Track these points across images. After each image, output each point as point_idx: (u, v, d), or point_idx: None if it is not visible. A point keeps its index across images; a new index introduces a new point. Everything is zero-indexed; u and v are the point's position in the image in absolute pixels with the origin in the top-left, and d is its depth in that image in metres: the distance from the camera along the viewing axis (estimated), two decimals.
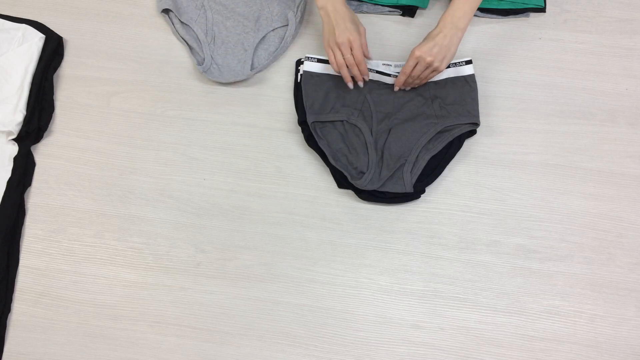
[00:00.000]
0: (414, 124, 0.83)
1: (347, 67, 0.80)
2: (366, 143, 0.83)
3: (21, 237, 0.83)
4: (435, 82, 0.85)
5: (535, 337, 0.78)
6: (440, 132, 0.83)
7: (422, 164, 0.82)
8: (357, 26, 0.79)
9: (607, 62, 0.90)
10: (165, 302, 0.80)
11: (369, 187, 0.81)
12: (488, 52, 0.91)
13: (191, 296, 0.80)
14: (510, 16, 0.93)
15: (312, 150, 0.85)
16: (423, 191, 0.83)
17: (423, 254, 0.81)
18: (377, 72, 0.85)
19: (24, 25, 0.90)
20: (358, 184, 0.81)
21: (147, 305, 0.80)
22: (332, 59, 0.79)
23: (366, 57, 0.81)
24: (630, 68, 0.90)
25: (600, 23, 0.92)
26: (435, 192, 0.84)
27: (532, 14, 0.93)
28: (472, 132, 0.85)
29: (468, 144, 0.85)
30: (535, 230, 0.82)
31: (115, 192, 0.85)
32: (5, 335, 0.79)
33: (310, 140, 0.84)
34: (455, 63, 0.85)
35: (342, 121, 0.84)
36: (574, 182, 0.84)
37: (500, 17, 0.93)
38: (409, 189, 0.81)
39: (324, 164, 0.84)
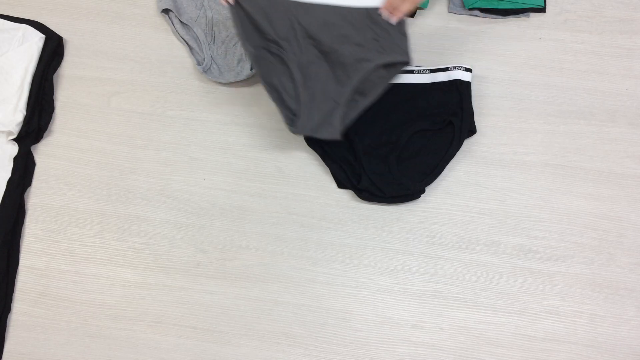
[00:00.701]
0: (346, 65, 0.75)
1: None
2: (294, 80, 0.75)
3: (21, 237, 0.83)
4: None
5: (535, 337, 0.78)
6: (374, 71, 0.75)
7: (355, 111, 0.75)
8: None
9: (607, 62, 0.90)
10: (165, 302, 0.80)
11: (304, 134, 0.77)
12: (488, 52, 0.91)
13: (191, 296, 0.80)
14: (510, 16, 0.93)
15: (312, 150, 0.85)
16: (423, 191, 0.83)
17: (423, 254, 0.81)
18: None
19: (24, 25, 0.90)
20: (293, 131, 0.76)
21: (147, 305, 0.80)
22: None
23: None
24: (630, 68, 0.90)
25: (600, 23, 0.92)
26: (435, 192, 0.84)
27: (532, 14, 0.93)
28: (472, 132, 0.85)
29: (468, 144, 0.85)
30: (535, 230, 0.82)
31: (115, 192, 0.85)
32: (5, 335, 0.79)
33: (310, 140, 0.84)
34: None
35: (276, 54, 0.76)
36: (574, 182, 0.84)
37: (500, 17, 0.93)
38: (337, 135, 0.75)
39: (324, 164, 0.84)
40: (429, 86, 0.85)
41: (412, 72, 0.86)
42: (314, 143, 0.84)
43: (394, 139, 0.83)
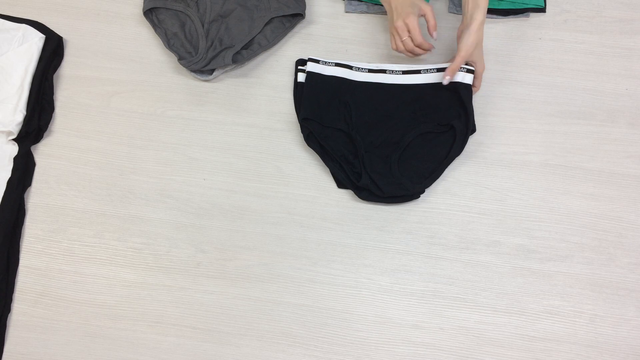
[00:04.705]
0: (245, 22, 0.90)
1: (409, 50, 0.81)
2: (197, 33, 0.88)
3: (21, 237, 0.83)
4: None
5: (535, 337, 0.78)
6: (268, 24, 0.90)
7: (253, 55, 0.89)
8: (417, 8, 0.79)
9: (607, 62, 0.90)
10: (165, 302, 0.80)
11: (196, 67, 0.86)
12: (488, 52, 0.91)
13: (191, 296, 0.80)
14: (510, 16, 0.93)
15: (312, 150, 0.85)
16: (422, 191, 0.83)
17: (423, 254, 0.81)
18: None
19: (24, 25, 0.90)
20: (184, 63, 0.86)
21: (147, 305, 0.80)
22: (392, 45, 0.82)
23: (430, 35, 0.80)
24: (630, 68, 0.90)
25: (600, 23, 0.92)
26: (435, 192, 0.84)
27: (532, 14, 0.93)
28: (472, 131, 0.84)
29: (468, 143, 0.85)
30: (535, 230, 0.82)
31: (115, 192, 0.85)
32: (5, 335, 0.79)
33: (310, 139, 0.84)
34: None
35: (181, 12, 0.90)
36: (574, 182, 0.84)
37: (500, 17, 0.93)
38: (228, 61, 0.86)
39: (324, 164, 0.84)
40: (431, 87, 0.85)
41: (419, 72, 0.85)
42: (313, 142, 0.84)
43: (396, 139, 0.83)
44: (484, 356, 0.77)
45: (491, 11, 0.92)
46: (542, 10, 0.92)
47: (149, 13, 0.91)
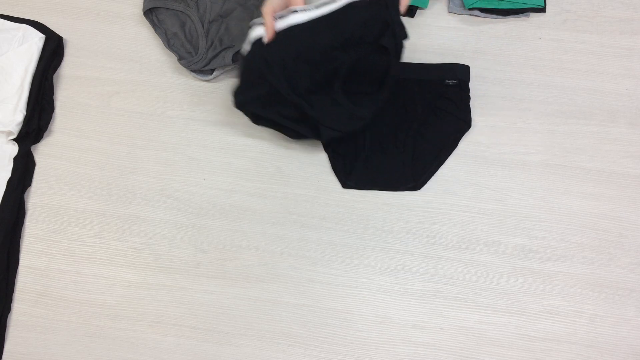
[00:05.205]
0: (245, 22, 0.88)
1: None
2: (197, 32, 0.88)
3: (21, 237, 0.83)
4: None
5: (535, 337, 0.78)
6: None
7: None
8: None
9: (607, 62, 0.90)
10: (165, 302, 0.80)
11: (196, 67, 0.87)
12: (488, 52, 0.91)
13: (191, 296, 0.80)
14: (510, 16, 0.93)
15: (312, 150, 0.85)
16: (366, 117, 0.79)
17: (423, 254, 0.81)
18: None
19: (24, 25, 0.90)
20: (183, 63, 0.87)
21: (147, 305, 0.80)
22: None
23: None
24: (630, 68, 0.90)
25: (600, 23, 0.92)
26: (435, 192, 0.84)
27: (532, 14, 0.93)
28: (467, 125, 0.85)
29: (468, 144, 0.85)
30: (535, 230, 0.82)
31: (115, 192, 0.85)
32: (5, 335, 0.79)
33: (260, 120, 0.82)
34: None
35: (181, 12, 0.89)
36: (574, 182, 0.84)
37: (500, 17, 0.93)
38: (228, 61, 0.85)
39: (324, 164, 0.84)
40: (351, 8, 0.75)
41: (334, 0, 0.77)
42: (260, 121, 0.82)
43: (332, 69, 0.78)
44: (484, 356, 0.77)
45: (491, 11, 0.92)
46: (542, 10, 0.92)
47: (149, 13, 0.91)
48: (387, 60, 0.77)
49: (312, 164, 0.86)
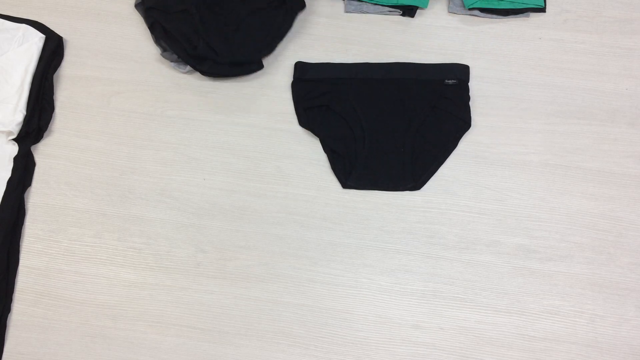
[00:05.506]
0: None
1: None
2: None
3: (21, 237, 0.83)
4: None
5: (535, 337, 0.78)
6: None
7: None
8: None
9: (607, 62, 0.90)
10: (165, 302, 0.80)
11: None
12: (488, 52, 0.91)
13: (191, 296, 0.80)
14: (510, 16, 0.93)
15: (312, 150, 0.85)
16: (261, 66, 0.88)
17: (423, 254, 0.81)
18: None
19: (24, 25, 0.90)
20: (166, 55, 0.88)
21: (147, 305, 0.80)
22: None
23: None
24: (630, 68, 0.90)
25: (600, 23, 0.92)
26: (435, 192, 0.84)
27: (532, 14, 0.93)
28: (467, 125, 0.85)
29: (468, 143, 0.85)
30: (535, 230, 0.82)
31: (115, 192, 0.85)
32: (5, 335, 0.79)
33: (155, 28, 0.88)
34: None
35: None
36: (574, 182, 0.84)
37: (500, 17, 0.93)
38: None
39: (324, 164, 0.85)
40: None
41: None
42: (157, 31, 0.87)
43: (232, 18, 0.87)
44: (484, 356, 0.77)
45: (491, 11, 0.92)
46: (542, 10, 0.92)
47: (141, 6, 0.91)
48: (283, 13, 0.88)
49: (312, 164, 0.86)
